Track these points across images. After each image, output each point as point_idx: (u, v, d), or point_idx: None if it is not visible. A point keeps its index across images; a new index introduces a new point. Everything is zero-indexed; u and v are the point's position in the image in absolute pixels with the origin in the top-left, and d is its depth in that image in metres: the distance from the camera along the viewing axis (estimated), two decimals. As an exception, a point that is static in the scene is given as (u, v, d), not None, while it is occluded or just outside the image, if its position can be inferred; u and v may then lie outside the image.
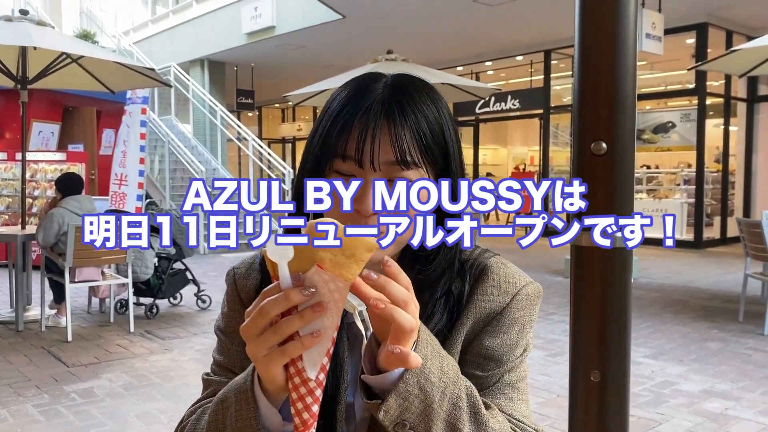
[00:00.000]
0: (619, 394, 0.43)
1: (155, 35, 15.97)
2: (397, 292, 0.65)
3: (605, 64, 0.41)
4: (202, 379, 0.96)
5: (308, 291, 0.63)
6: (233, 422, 0.75)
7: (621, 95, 0.41)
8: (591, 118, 0.42)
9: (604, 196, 0.43)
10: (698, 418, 3.36)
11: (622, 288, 0.42)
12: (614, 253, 0.42)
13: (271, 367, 0.66)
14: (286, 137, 21.24)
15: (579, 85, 0.43)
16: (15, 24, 5.22)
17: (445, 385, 0.72)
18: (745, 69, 6.33)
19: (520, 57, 12.74)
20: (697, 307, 6.07)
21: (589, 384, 0.43)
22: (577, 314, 0.44)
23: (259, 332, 0.66)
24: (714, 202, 11.34)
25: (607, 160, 0.42)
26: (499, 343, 0.86)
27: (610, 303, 0.43)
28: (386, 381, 0.71)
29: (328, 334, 0.64)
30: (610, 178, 0.42)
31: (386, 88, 0.83)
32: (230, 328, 0.95)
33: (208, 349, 4.73)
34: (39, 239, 5.08)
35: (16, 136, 8.95)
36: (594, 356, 0.43)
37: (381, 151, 0.79)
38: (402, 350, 0.67)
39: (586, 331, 0.44)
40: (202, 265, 8.55)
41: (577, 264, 0.43)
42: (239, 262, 1.00)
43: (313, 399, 0.66)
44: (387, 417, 0.71)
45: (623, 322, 0.42)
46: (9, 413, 3.44)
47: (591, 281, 0.43)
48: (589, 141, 0.42)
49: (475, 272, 0.89)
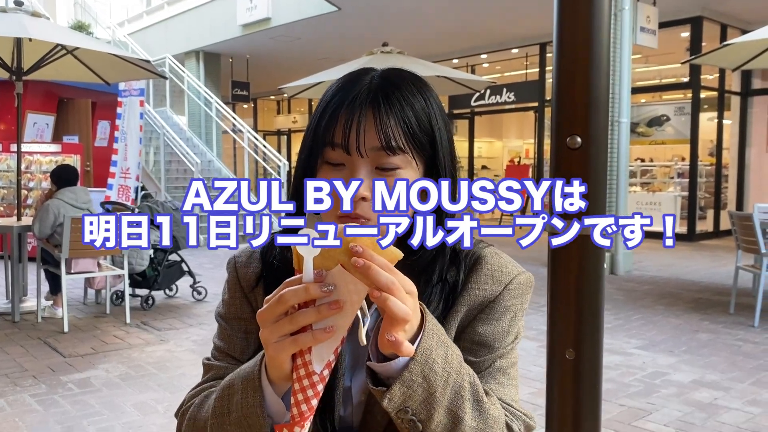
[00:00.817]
0: (592, 370, 0.46)
1: (150, 26, 15.92)
2: (380, 276, 0.67)
3: (580, 65, 0.44)
4: (202, 363, 0.99)
5: (327, 288, 0.66)
6: (239, 408, 0.78)
7: (594, 94, 0.44)
8: (567, 114, 0.46)
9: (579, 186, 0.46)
10: (688, 408, 3.41)
11: (595, 274, 0.45)
12: (588, 240, 0.46)
13: (280, 353, 0.69)
14: (281, 129, 21.21)
15: (556, 85, 0.46)
16: (10, 15, 5.21)
17: (448, 374, 0.75)
18: (738, 63, 6.36)
19: (515, 50, 12.76)
20: (688, 300, 6.13)
21: (565, 361, 0.47)
22: (554, 298, 0.48)
23: (275, 319, 0.69)
24: (707, 195, 11.41)
25: (582, 154, 0.45)
26: (492, 330, 0.90)
27: (583, 287, 0.46)
28: (391, 369, 0.74)
29: (340, 332, 0.67)
30: (584, 170, 0.45)
31: (374, 80, 0.86)
32: (230, 315, 0.98)
33: (203, 340, 4.76)
34: (35, 230, 5.10)
35: (11, 127, 8.92)
36: (569, 336, 0.46)
37: (366, 138, 0.82)
38: (396, 338, 0.69)
39: (562, 313, 0.47)
40: (198, 257, 8.57)
41: (554, 252, 0.47)
42: (239, 250, 1.02)
43: (314, 393, 0.68)
44: (391, 404, 0.73)
45: (596, 305, 0.46)
46: (6, 403, 3.47)
47: (567, 268, 0.46)
48: (565, 136, 0.46)
49: (470, 262, 0.93)
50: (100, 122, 10.14)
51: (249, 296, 0.97)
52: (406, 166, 0.84)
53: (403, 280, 0.70)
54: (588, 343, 0.45)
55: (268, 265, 0.97)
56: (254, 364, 0.78)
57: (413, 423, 0.75)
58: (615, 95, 7.65)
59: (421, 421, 0.75)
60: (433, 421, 0.75)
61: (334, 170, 0.85)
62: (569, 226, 0.45)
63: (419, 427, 0.75)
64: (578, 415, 0.47)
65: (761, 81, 11.30)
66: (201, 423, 0.85)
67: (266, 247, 0.99)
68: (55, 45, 5.47)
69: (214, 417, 0.81)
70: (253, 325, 0.97)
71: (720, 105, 11.14)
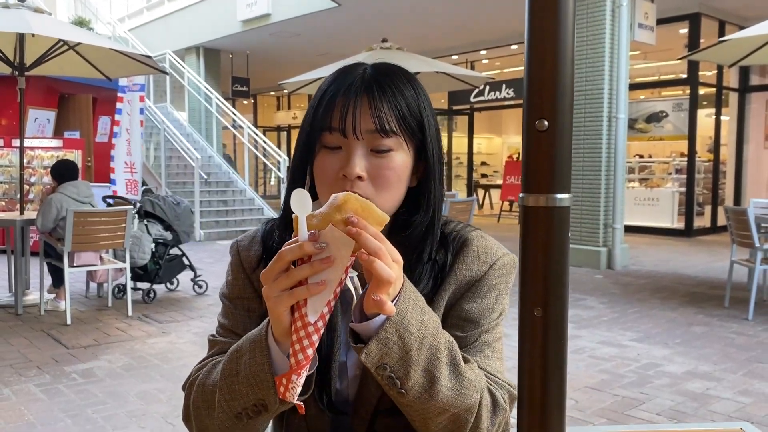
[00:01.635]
0: (558, 326, 0.52)
1: (150, 22, 15.95)
2: (369, 242, 0.74)
3: (548, 55, 0.50)
4: (208, 339, 1.05)
5: (320, 245, 0.73)
6: (247, 367, 0.84)
7: (561, 81, 0.50)
8: (535, 99, 0.52)
9: (545, 166, 0.52)
10: (680, 398, 3.48)
11: (561, 239, 0.51)
12: (554, 211, 0.52)
13: (279, 306, 0.77)
14: (281, 125, 21.27)
15: (527, 73, 0.52)
16: (12, 11, 5.27)
17: (423, 336, 0.82)
18: (735, 59, 6.41)
19: (514, 46, 12.80)
20: (684, 294, 6.20)
21: (534, 318, 0.53)
22: (524, 261, 0.54)
23: (275, 276, 0.76)
24: (705, 191, 11.46)
25: (548, 136, 0.51)
26: (477, 307, 0.97)
27: (550, 252, 0.52)
28: (370, 328, 0.81)
29: (332, 285, 0.74)
30: (550, 150, 0.51)
31: (367, 71, 0.94)
32: (234, 294, 1.04)
33: (204, 332, 4.83)
34: (38, 224, 5.16)
35: (12, 122, 8.98)
36: (537, 296, 0.52)
37: (362, 121, 0.89)
38: (381, 298, 0.76)
39: (531, 276, 0.53)
40: (198, 251, 8.64)
41: (524, 221, 0.53)
42: (242, 236, 1.09)
43: (309, 342, 0.75)
44: (369, 359, 0.80)
45: (561, 268, 0.51)
46: (12, 392, 3.54)
47: (535, 234, 0.52)
48: (534, 119, 0.52)
49: (457, 244, 0.99)
50: (101, 118, 10.19)
51: (251, 277, 1.03)
52: (398, 148, 0.92)
53: (390, 249, 0.77)
54: (554, 302, 0.51)
55: (268, 248, 1.03)
56: (261, 327, 0.85)
57: (392, 379, 0.82)
58: (613, 91, 7.71)
59: (399, 378, 0.82)
60: (410, 379, 0.82)
61: (332, 154, 0.92)
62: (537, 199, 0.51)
63: (398, 384, 0.82)
64: (546, 368, 0.53)
65: (759, 77, 11.35)
66: (210, 387, 0.91)
67: (267, 231, 1.06)
68: (57, 40, 5.53)
69: (223, 379, 0.88)
70: (255, 303, 1.03)
71: (718, 101, 11.18)
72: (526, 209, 0.51)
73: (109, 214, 5.30)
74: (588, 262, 7.71)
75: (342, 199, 0.74)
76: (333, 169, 0.91)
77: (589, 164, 7.78)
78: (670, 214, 10.99)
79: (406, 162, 0.93)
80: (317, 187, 0.95)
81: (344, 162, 0.90)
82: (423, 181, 0.97)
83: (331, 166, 0.91)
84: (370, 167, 0.90)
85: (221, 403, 0.88)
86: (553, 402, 0.52)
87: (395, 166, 0.92)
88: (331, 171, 0.91)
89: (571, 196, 0.51)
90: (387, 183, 0.91)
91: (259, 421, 0.88)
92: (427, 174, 0.97)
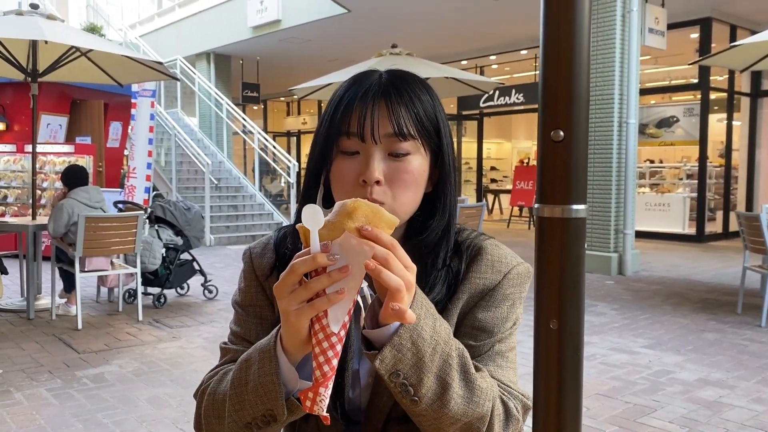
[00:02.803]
0: (573, 339, 0.51)
1: (161, 28, 16.06)
2: (376, 251, 0.73)
3: (563, 64, 0.50)
4: (219, 347, 1.05)
5: (333, 256, 0.73)
6: (256, 378, 0.84)
7: (576, 91, 0.50)
8: (551, 110, 0.51)
9: (561, 176, 0.52)
10: (692, 405, 3.45)
11: (576, 251, 0.51)
12: (570, 223, 0.51)
13: (300, 319, 0.76)
14: (291, 131, 21.31)
15: (542, 83, 0.52)
16: (26, 18, 5.32)
17: (436, 342, 0.81)
18: (747, 64, 6.37)
19: (524, 51, 12.78)
20: (696, 300, 6.15)
21: (549, 331, 0.52)
22: (540, 272, 0.53)
23: (290, 289, 0.75)
24: (717, 197, 11.38)
25: (564, 146, 0.51)
26: (491, 316, 0.96)
27: (566, 263, 0.51)
28: (383, 335, 0.80)
29: (351, 293, 0.74)
30: (566, 161, 0.51)
31: (383, 77, 0.95)
32: (246, 302, 1.04)
33: (215, 337, 4.83)
34: (49, 229, 5.19)
35: (25, 128, 9.05)
36: (553, 308, 0.52)
37: (380, 125, 0.90)
38: (400, 307, 0.75)
39: (547, 286, 0.52)
40: (209, 256, 8.67)
41: (540, 232, 0.52)
42: (255, 242, 1.10)
43: (334, 353, 0.75)
44: (383, 366, 0.80)
45: (577, 279, 0.51)
46: (23, 396, 3.56)
47: (551, 245, 0.52)
48: (549, 129, 0.51)
49: (471, 252, 0.99)
50: (112, 123, 10.26)
51: (264, 285, 1.03)
52: (415, 152, 0.92)
53: (402, 256, 0.76)
54: (570, 315, 0.51)
55: (281, 255, 1.03)
56: (270, 337, 0.85)
57: (405, 387, 0.81)
58: (623, 96, 7.67)
59: (412, 385, 0.81)
60: (423, 386, 0.81)
61: (349, 159, 0.92)
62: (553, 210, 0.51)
63: (411, 392, 0.81)
64: (562, 381, 0.52)
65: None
66: (220, 396, 0.91)
67: (280, 239, 1.06)
68: (70, 47, 5.57)
69: (233, 388, 0.88)
70: (268, 311, 1.03)
71: (729, 106, 11.11)
72: (542, 220, 0.51)
73: (120, 220, 5.32)
74: (599, 268, 7.67)
75: (352, 205, 0.73)
76: (351, 174, 0.91)
77: (600, 170, 7.75)
78: (681, 220, 10.92)
79: (423, 166, 0.94)
80: (334, 193, 0.95)
81: (362, 167, 0.90)
82: (438, 186, 0.98)
83: (350, 171, 0.91)
84: (388, 171, 0.90)
85: (231, 412, 0.88)
86: (569, 416, 0.52)
87: (413, 169, 0.92)
88: (350, 176, 0.91)
89: (587, 207, 0.51)
90: (405, 186, 0.91)
91: (269, 431, 0.88)
92: (442, 179, 0.97)
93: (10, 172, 8.78)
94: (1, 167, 8.75)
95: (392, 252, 0.75)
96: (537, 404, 0.55)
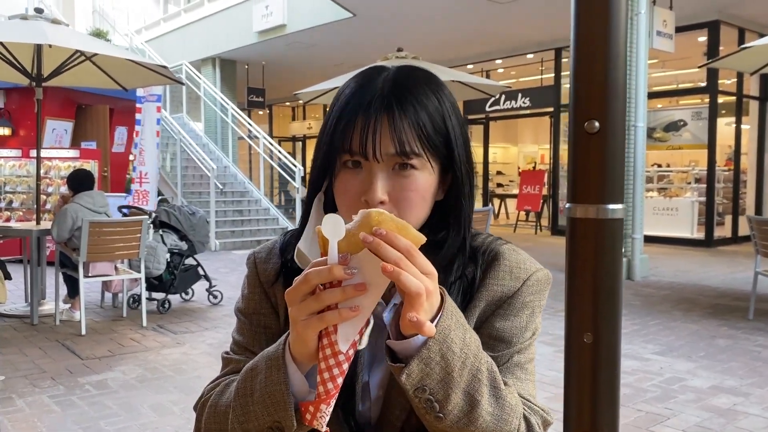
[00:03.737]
0: (610, 353, 0.46)
1: (167, 34, 16.09)
2: (389, 253, 0.68)
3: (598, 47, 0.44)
4: (221, 357, 1.00)
5: (351, 270, 0.68)
6: (262, 387, 0.79)
7: (613, 77, 0.44)
8: (584, 98, 0.46)
9: (596, 172, 0.46)
10: (706, 414, 3.37)
11: (613, 255, 0.45)
12: (605, 224, 0.46)
13: (307, 330, 0.71)
14: (296, 135, 21.32)
15: (574, 68, 0.46)
16: (30, 22, 5.30)
17: (465, 356, 0.76)
18: (757, 66, 6.30)
19: (530, 55, 12.73)
20: (706, 305, 6.06)
21: (583, 345, 0.47)
22: (572, 281, 0.48)
23: (301, 298, 0.71)
24: (725, 201, 11.28)
25: (599, 138, 0.45)
26: (510, 326, 0.90)
27: (601, 270, 0.46)
28: (410, 347, 0.75)
29: (365, 312, 0.69)
30: (602, 155, 0.46)
31: (386, 83, 0.87)
32: (250, 309, 0.99)
33: (219, 343, 4.79)
34: (53, 234, 5.16)
35: (30, 133, 9.05)
36: (587, 319, 0.46)
37: (382, 144, 0.84)
38: (418, 319, 0.70)
39: (580, 296, 0.47)
40: (214, 261, 8.63)
41: (571, 235, 0.47)
42: (259, 247, 1.04)
43: (339, 371, 0.70)
44: (409, 380, 0.74)
45: (614, 287, 0.46)
46: (25, 403, 3.51)
47: (584, 250, 0.46)
48: (583, 120, 0.46)
49: (488, 258, 0.93)
50: (118, 128, 10.26)
51: (268, 291, 0.98)
52: (421, 167, 0.86)
53: (420, 261, 0.71)
54: (606, 327, 0.45)
55: (287, 261, 0.98)
56: (278, 345, 0.80)
57: (430, 402, 0.75)
58: (631, 99, 7.60)
59: (438, 401, 0.75)
60: (450, 402, 0.75)
61: (352, 173, 0.87)
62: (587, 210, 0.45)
63: (436, 408, 0.76)
64: (596, 400, 0.47)
65: (780, 85, 11.18)
66: (222, 409, 0.86)
67: (285, 243, 1.01)
68: (74, 51, 5.55)
69: (237, 399, 0.83)
70: (272, 320, 0.98)
71: (738, 109, 11.02)
72: (574, 222, 0.45)
73: (125, 224, 5.29)
74: (607, 273, 7.58)
75: (377, 218, 0.68)
76: (354, 191, 0.86)
77: (608, 173, 7.66)
78: (689, 224, 10.82)
79: (429, 181, 0.88)
80: (338, 204, 0.90)
81: (365, 185, 0.85)
82: (451, 194, 0.92)
83: (353, 187, 0.86)
84: (392, 189, 0.85)
85: (234, 425, 0.83)
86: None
87: (418, 186, 0.86)
88: (352, 192, 0.86)
89: (624, 207, 0.45)
90: (410, 204, 0.86)
91: None
92: (455, 189, 0.91)
93: (15, 177, 8.78)
94: (7, 172, 8.74)
95: (409, 257, 0.70)
96: (569, 427, 0.49)
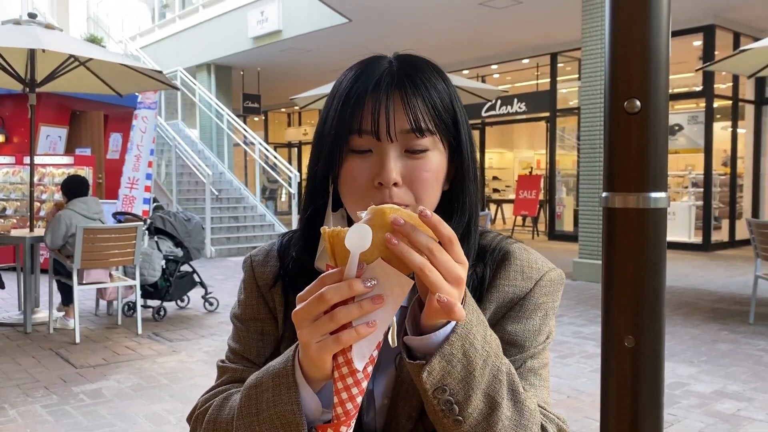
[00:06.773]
0: (654, 358, 0.41)
1: (162, 40, 16.04)
2: (422, 239, 0.63)
3: (638, 18, 0.40)
4: (216, 366, 0.95)
5: (370, 282, 0.62)
6: (270, 407, 0.73)
7: (655, 51, 0.40)
8: (624, 75, 0.41)
9: (637, 157, 0.41)
10: (710, 419, 3.33)
11: (656, 250, 0.41)
12: (648, 214, 0.41)
13: (323, 353, 0.65)
14: (292, 141, 21.28)
15: (610, 42, 0.42)
16: (23, 27, 5.25)
17: (487, 354, 0.71)
18: (754, 69, 6.28)
19: (526, 60, 12.72)
20: (706, 309, 6.03)
21: (623, 349, 0.42)
22: (609, 279, 0.43)
23: (314, 318, 0.65)
24: (722, 205, 11.26)
25: (640, 119, 0.40)
26: (522, 329, 0.85)
27: (643, 266, 0.41)
28: (430, 343, 0.69)
29: (381, 326, 0.63)
30: (643, 137, 0.41)
31: (393, 64, 0.84)
32: (246, 316, 0.94)
33: (215, 351, 4.72)
34: (47, 241, 5.09)
35: (24, 140, 8.98)
36: (628, 321, 0.42)
37: (396, 121, 0.79)
38: (448, 300, 0.64)
39: (619, 296, 0.42)
40: (210, 268, 8.56)
41: (609, 228, 0.42)
42: (256, 250, 0.99)
43: (359, 390, 0.65)
44: (430, 379, 0.69)
45: (657, 285, 0.41)
46: (18, 414, 3.44)
47: (624, 245, 0.42)
48: (622, 99, 0.41)
49: (497, 257, 0.88)
50: (112, 134, 10.20)
51: (266, 296, 0.93)
52: (433, 147, 0.82)
53: (457, 252, 0.66)
54: (649, 329, 0.41)
55: (285, 264, 0.93)
56: (285, 360, 0.73)
57: (450, 404, 0.70)
58: (628, 103, 7.58)
59: (458, 403, 0.70)
60: (470, 404, 0.70)
61: (361, 159, 0.81)
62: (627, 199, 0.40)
63: (455, 410, 0.70)
64: (638, 411, 0.42)
65: (775, 89, 11.19)
66: (223, 425, 0.81)
67: (284, 245, 0.96)
68: (68, 56, 5.49)
69: (241, 418, 0.76)
70: (270, 326, 0.93)
71: (734, 114, 11.03)
72: (611, 212, 0.40)
73: (119, 231, 5.22)
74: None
75: (391, 217, 0.62)
76: (365, 175, 0.81)
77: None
78: (687, 228, 10.80)
79: (441, 162, 0.84)
80: (344, 197, 0.84)
81: (377, 167, 0.80)
82: (456, 183, 0.87)
83: (363, 172, 0.81)
84: (405, 171, 0.80)
85: None
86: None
87: (432, 167, 0.82)
88: (363, 177, 0.81)
89: (668, 195, 0.40)
90: (425, 186, 0.81)
91: None
92: (460, 175, 0.86)
93: (9, 184, 8.70)
94: (0, 179, 8.66)
95: (450, 246, 0.65)
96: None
